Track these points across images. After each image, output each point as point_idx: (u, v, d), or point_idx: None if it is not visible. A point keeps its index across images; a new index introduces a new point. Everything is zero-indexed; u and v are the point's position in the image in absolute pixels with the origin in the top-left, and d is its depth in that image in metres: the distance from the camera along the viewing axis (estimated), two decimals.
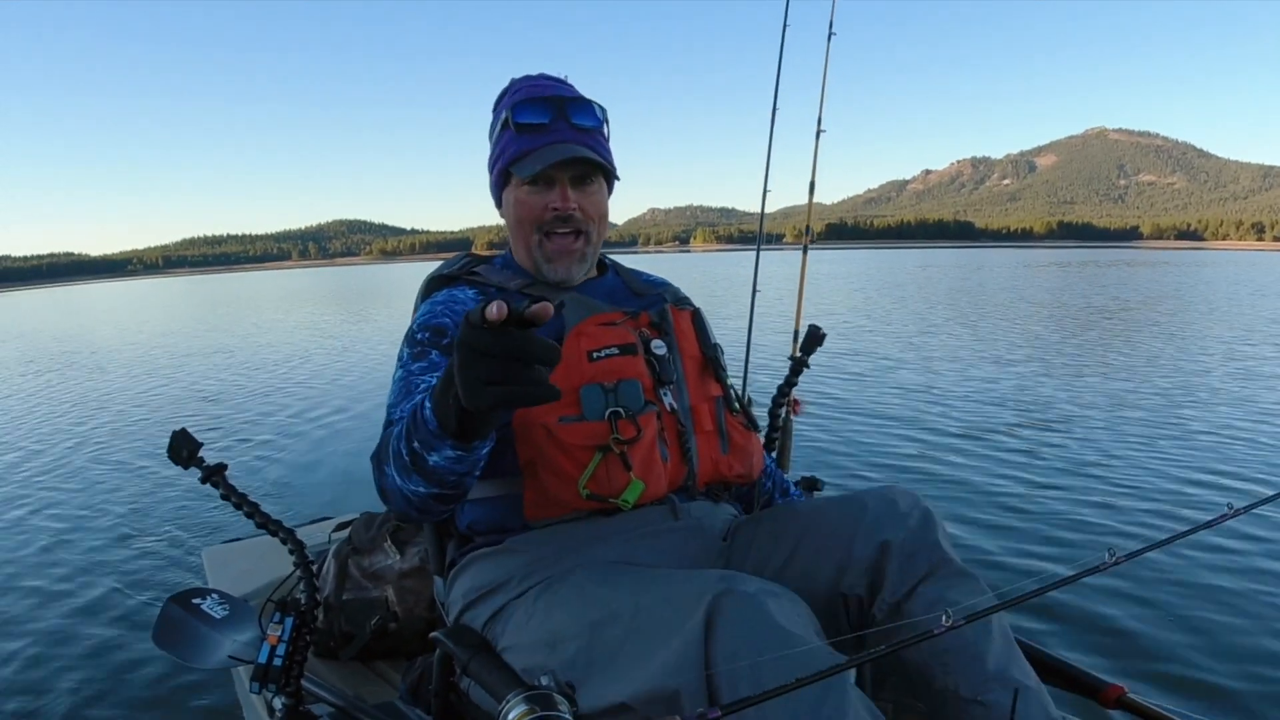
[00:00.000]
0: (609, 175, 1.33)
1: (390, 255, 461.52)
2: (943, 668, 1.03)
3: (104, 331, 20.50)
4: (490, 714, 1.15)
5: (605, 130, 1.32)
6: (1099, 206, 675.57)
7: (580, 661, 1.00)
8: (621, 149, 1.38)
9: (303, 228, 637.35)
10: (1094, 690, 1.21)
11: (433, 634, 1.24)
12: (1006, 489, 4.42)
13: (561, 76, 1.33)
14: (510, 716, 0.64)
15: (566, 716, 0.63)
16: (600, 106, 1.30)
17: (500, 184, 1.32)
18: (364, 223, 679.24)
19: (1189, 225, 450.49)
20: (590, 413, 1.16)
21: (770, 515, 1.28)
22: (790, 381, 1.91)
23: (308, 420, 7.11)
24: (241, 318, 22.97)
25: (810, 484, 1.69)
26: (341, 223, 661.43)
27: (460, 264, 1.39)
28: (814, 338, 1.84)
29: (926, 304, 18.53)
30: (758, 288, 2.94)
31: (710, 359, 1.34)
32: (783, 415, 1.99)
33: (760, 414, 1.83)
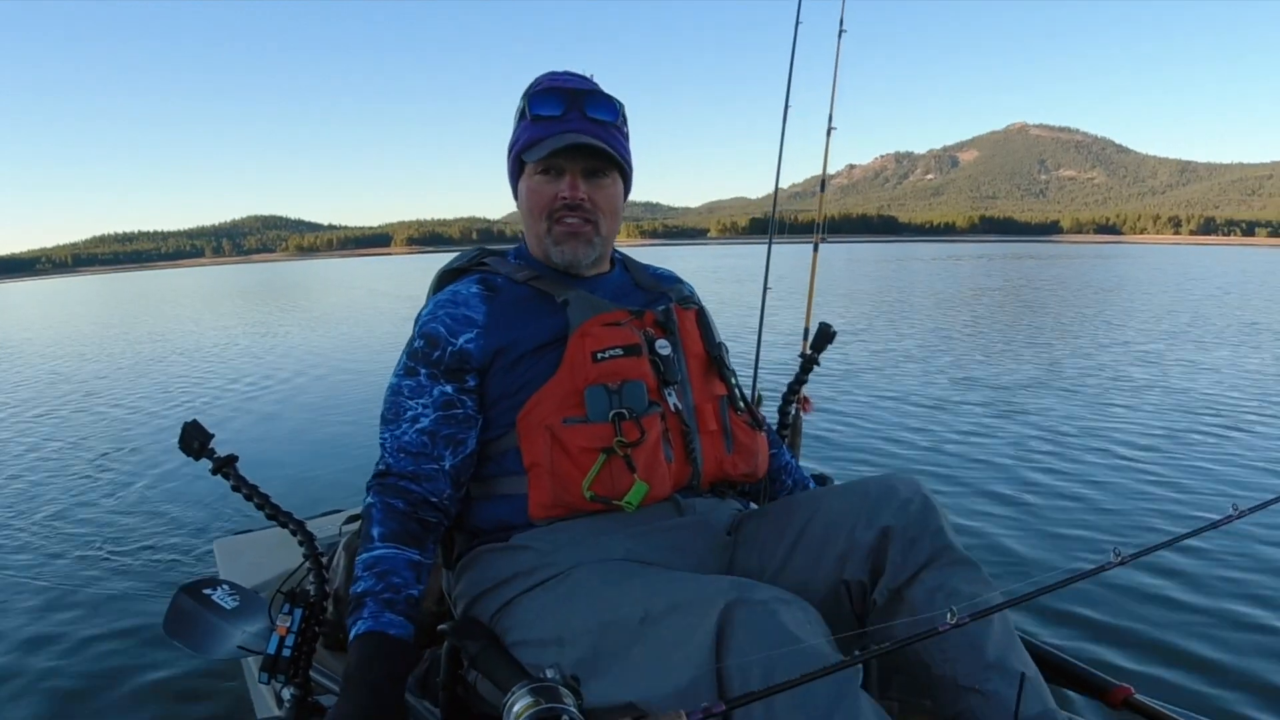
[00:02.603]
0: (623, 171, 1.33)
1: (308, 251, 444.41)
2: (942, 654, 1.03)
3: (76, 327, 20.55)
4: (497, 706, 1.15)
5: (623, 127, 1.32)
6: (1020, 201, 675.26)
7: (588, 661, 1.00)
8: None
9: (216, 224, 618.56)
10: (1101, 691, 1.21)
11: (441, 626, 1.25)
12: (1011, 488, 4.40)
13: (587, 75, 1.33)
14: (516, 708, 0.64)
15: (571, 709, 0.64)
16: (618, 102, 1.31)
17: (515, 174, 1.33)
18: (280, 218, 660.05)
19: (1108, 219, 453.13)
20: (594, 414, 1.17)
21: (773, 508, 1.28)
22: (800, 379, 1.90)
23: (319, 413, 7.15)
24: (204, 312, 23.02)
25: (820, 481, 1.69)
26: (256, 218, 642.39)
27: (470, 257, 1.41)
28: (825, 335, 1.83)
29: (897, 301, 18.45)
30: (769, 285, 2.94)
31: (715, 358, 1.34)
32: (792, 413, 1.99)
33: (770, 412, 1.83)
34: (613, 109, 1.29)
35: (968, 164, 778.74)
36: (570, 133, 1.24)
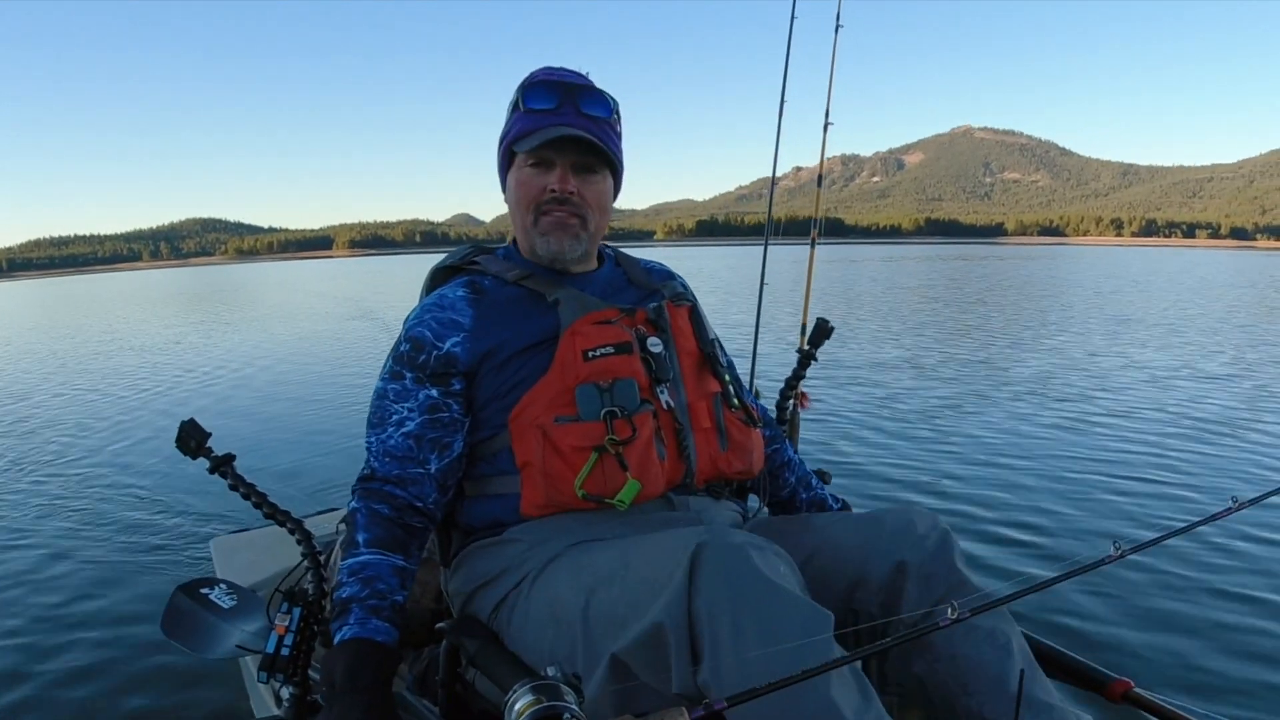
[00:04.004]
0: (614, 168, 1.33)
1: (247, 254, 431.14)
2: (963, 689, 1.03)
3: (43, 330, 20.51)
4: (496, 704, 1.15)
5: (617, 124, 1.32)
6: (965, 203, 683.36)
7: (580, 629, 1.01)
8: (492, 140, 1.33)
9: (154, 227, 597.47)
10: (1100, 685, 1.21)
11: (439, 625, 1.25)
12: (1010, 482, 4.41)
13: (584, 73, 1.33)
14: (517, 707, 0.64)
15: (573, 707, 0.63)
16: (612, 99, 1.30)
17: (505, 165, 1.33)
18: (219, 221, 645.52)
19: (1052, 221, 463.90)
20: (586, 413, 1.16)
21: (783, 526, 1.27)
22: (798, 374, 1.90)
23: (316, 412, 7.13)
24: (171, 315, 22.77)
25: (823, 478, 1.68)
26: (195, 221, 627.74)
27: (463, 255, 1.40)
28: (822, 331, 1.83)
29: (866, 300, 18.52)
30: (765, 281, 2.94)
31: (708, 355, 1.33)
32: (790, 408, 1.99)
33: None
34: (607, 105, 1.29)
35: (913, 166, 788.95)
36: (563, 125, 1.23)
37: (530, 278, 1.30)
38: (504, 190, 1.36)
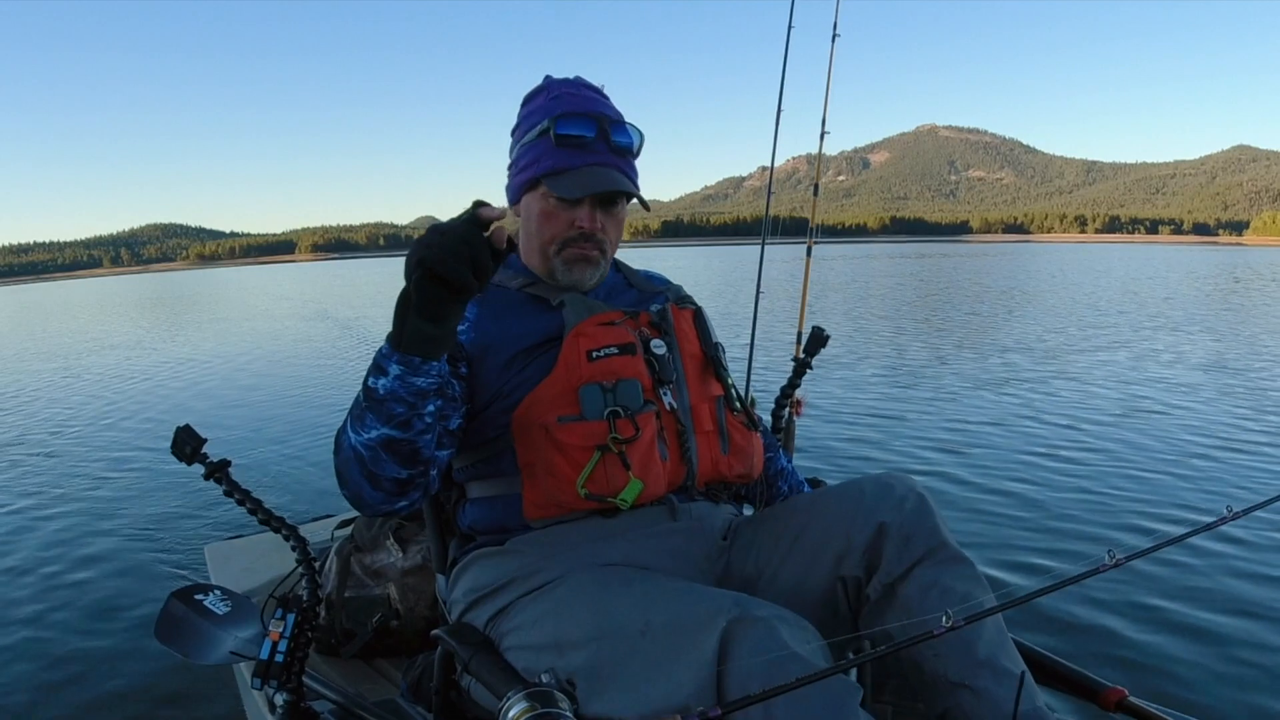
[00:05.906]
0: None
1: (209, 260, 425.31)
2: (932, 652, 1.04)
3: (67, 331, 20.50)
4: (491, 712, 1.15)
5: (638, 154, 1.33)
6: (931, 202, 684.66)
7: (585, 670, 0.99)
8: (471, 142, 1.26)
9: (114, 233, 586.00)
10: (1094, 693, 1.21)
11: (434, 632, 1.25)
12: (1004, 490, 4.41)
13: (599, 86, 1.33)
14: (511, 713, 0.64)
15: (567, 714, 0.64)
16: (638, 130, 1.31)
17: (525, 187, 1.31)
18: (180, 226, 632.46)
19: (1016, 219, 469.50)
20: (589, 412, 1.17)
21: (770, 513, 1.28)
22: (793, 382, 1.91)
23: (311, 418, 7.12)
24: (157, 321, 22.83)
25: (815, 485, 1.69)
26: (156, 227, 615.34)
27: None
28: (817, 339, 1.84)
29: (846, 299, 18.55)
30: (761, 290, 2.94)
31: (711, 358, 1.34)
32: (785, 416, 2.00)
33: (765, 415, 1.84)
34: (633, 137, 1.29)
35: (879, 165, 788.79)
36: (600, 167, 1.24)
37: (534, 285, 1.31)
38: (509, 198, 1.34)
